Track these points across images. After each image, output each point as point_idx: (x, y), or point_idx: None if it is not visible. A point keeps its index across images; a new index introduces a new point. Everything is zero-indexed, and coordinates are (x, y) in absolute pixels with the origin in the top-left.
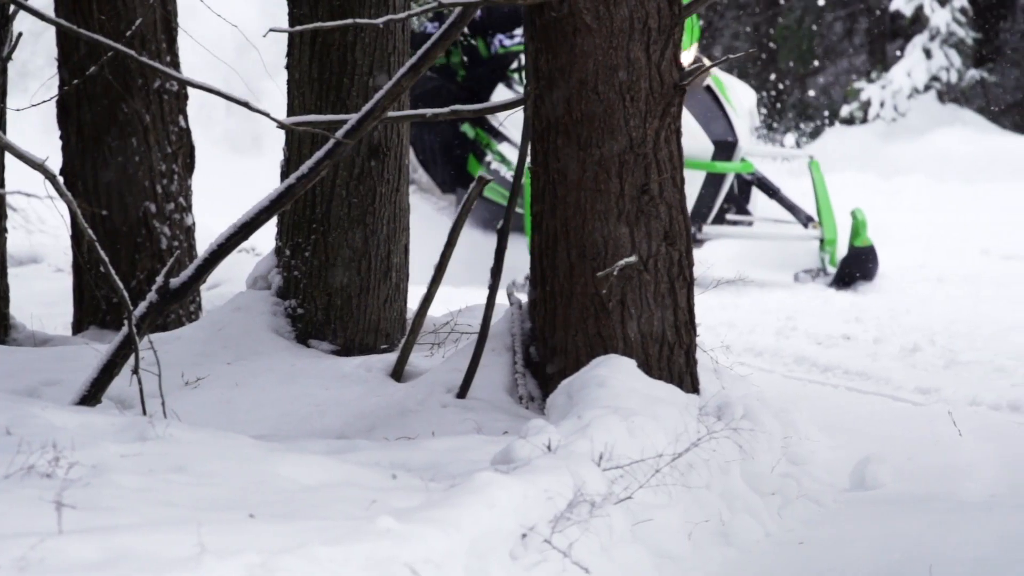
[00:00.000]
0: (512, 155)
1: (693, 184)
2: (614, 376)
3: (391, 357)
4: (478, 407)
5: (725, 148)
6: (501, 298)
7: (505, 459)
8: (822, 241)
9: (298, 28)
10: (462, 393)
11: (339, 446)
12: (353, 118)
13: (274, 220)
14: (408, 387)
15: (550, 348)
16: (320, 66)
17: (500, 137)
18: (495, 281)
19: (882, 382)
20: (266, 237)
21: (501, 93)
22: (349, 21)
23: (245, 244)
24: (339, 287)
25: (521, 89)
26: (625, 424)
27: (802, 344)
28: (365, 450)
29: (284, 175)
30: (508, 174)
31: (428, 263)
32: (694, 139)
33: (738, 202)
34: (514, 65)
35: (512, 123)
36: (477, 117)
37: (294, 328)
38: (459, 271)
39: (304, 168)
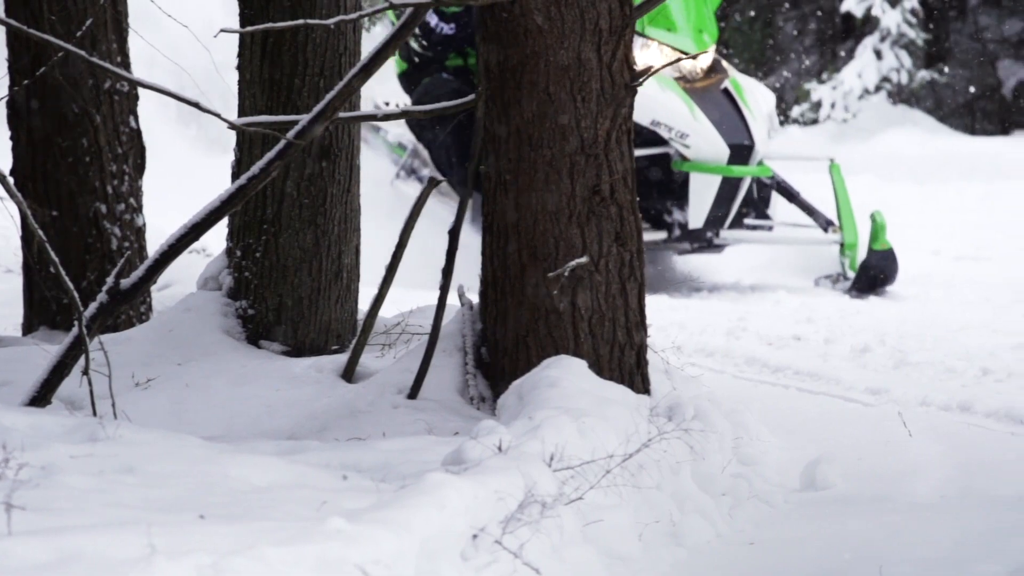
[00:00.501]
0: None
1: (709, 189)
2: (565, 377)
3: (342, 358)
4: (429, 408)
5: (741, 152)
6: (452, 299)
7: (456, 460)
8: (842, 245)
9: (249, 29)
10: (413, 394)
11: (289, 447)
12: (304, 119)
13: (225, 221)
14: (359, 388)
15: (501, 349)
16: (271, 66)
17: None
18: (446, 282)
19: (832, 382)
20: (217, 238)
21: None
22: (300, 22)
23: (196, 245)
24: (290, 288)
25: None
26: (576, 425)
27: (753, 345)
28: (316, 451)
29: (235, 176)
30: None
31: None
32: (709, 143)
33: (758, 207)
34: None
35: None
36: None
37: (245, 329)
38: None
39: (255, 169)
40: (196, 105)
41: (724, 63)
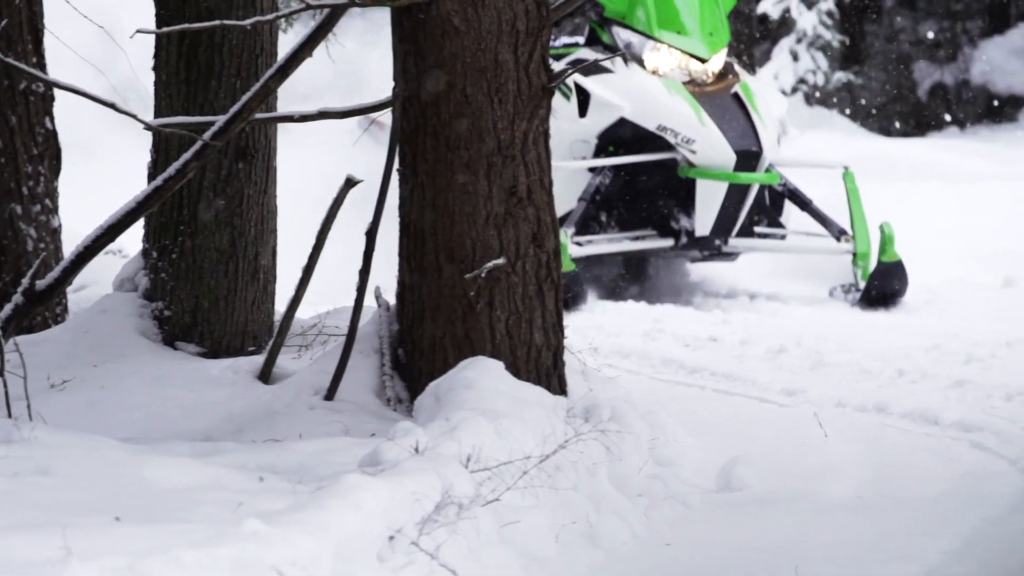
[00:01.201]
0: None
1: (715, 196)
2: (482, 378)
3: (258, 359)
4: (346, 409)
5: (749, 158)
6: (370, 300)
7: (373, 461)
8: (855, 255)
9: (165, 30)
10: (330, 395)
11: (206, 448)
12: (221, 120)
13: (141, 222)
14: (275, 389)
15: (418, 350)
16: (187, 67)
17: None
18: (363, 283)
19: (748, 383)
20: (133, 239)
21: None
22: (216, 23)
23: (112, 246)
24: (206, 289)
25: None
26: (493, 426)
27: (669, 346)
28: (232, 452)
29: (151, 177)
30: None
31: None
32: (715, 148)
33: (770, 214)
34: None
35: None
36: None
37: (161, 330)
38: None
39: (171, 170)
40: (112, 106)
41: (736, 67)
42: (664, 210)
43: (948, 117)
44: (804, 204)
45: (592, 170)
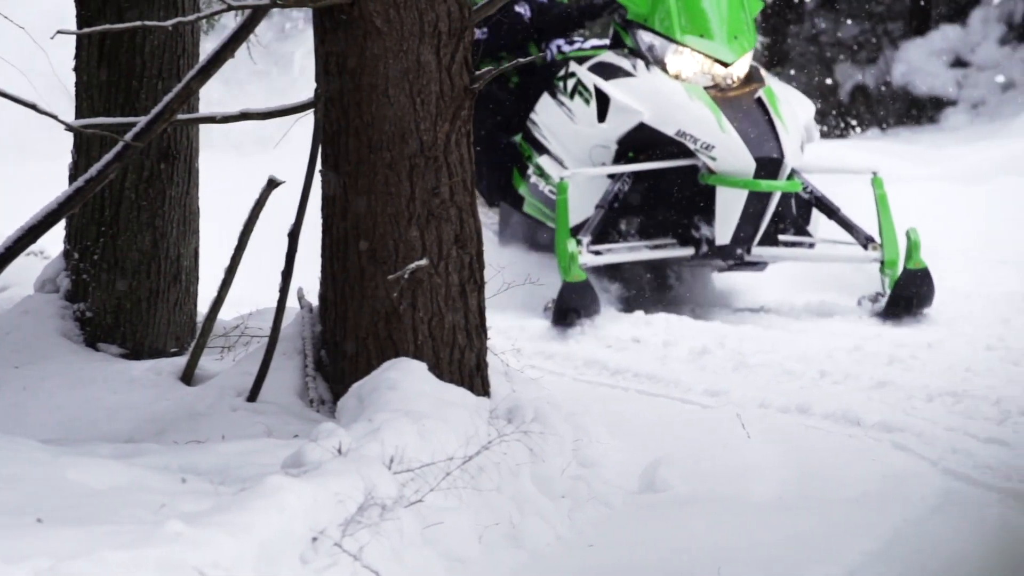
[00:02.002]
0: (551, 168)
1: (735, 204)
2: (405, 379)
3: (181, 361)
4: (269, 410)
5: (769, 165)
6: (292, 301)
7: (295, 463)
8: (882, 263)
9: (86, 30)
10: (252, 396)
11: (128, 450)
12: (142, 121)
13: (63, 223)
14: (198, 391)
15: (341, 351)
16: (109, 68)
17: (541, 149)
18: (285, 284)
19: (671, 384)
20: (55, 240)
21: (545, 103)
22: (138, 24)
23: (33, 247)
24: (128, 290)
25: (565, 99)
26: (416, 427)
27: (592, 347)
28: (154, 454)
29: (72, 178)
30: (547, 188)
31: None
32: (735, 155)
33: (797, 223)
34: (560, 72)
35: (553, 134)
36: (523, 127)
37: (83, 332)
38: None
39: (93, 171)
40: (33, 107)
41: (762, 71)
42: (684, 218)
43: (870, 118)
44: (831, 212)
45: (611, 176)
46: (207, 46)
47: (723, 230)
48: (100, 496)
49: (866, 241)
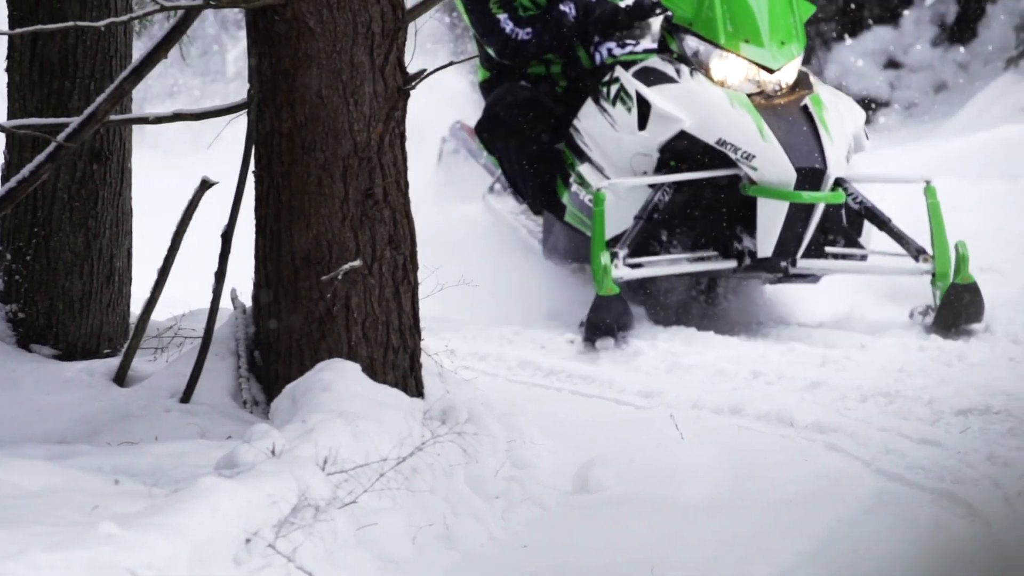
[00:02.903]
0: (592, 177)
1: (776, 215)
2: (338, 380)
3: (114, 362)
4: (202, 412)
5: (812, 176)
6: (226, 302)
7: (229, 464)
8: (934, 276)
9: (17, 31)
10: (186, 398)
11: (61, 451)
12: (75, 121)
13: None
14: (131, 392)
15: (275, 352)
16: (41, 69)
17: (583, 157)
18: (219, 285)
19: (605, 385)
20: None
21: (588, 110)
22: (70, 24)
23: None
24: (61, 291)
25: (607, 105)
26: (350, 428)
27: (526, 348)
28: (87, 455)
29: (4, 179)
30: (586, 198)
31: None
32: (775, 165)
33: (848, 234)
34: (606, 78)
35: (594, 142)
36: (567, 135)
37: (15, 333)
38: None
39: (25, 172)
40: None
41: (812, 77)
42: (726, 230)
43: None
44: (882, 223)
45: (653, 186)
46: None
47: (765, 242)
48: (32, 497)
49: (917, 253)
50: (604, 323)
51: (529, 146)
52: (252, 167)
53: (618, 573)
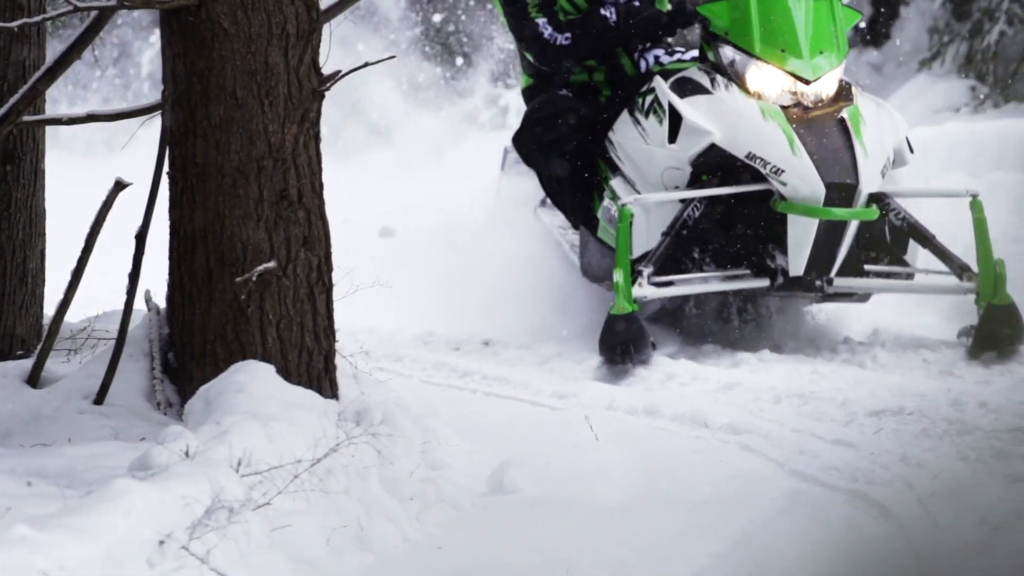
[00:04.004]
0: (623, 192)
1: (807, 232)
2: (253, 382)
3: (27, 363)
4: (115, 413)
5: (842, 191)
6: (140, 304)
7: (143, 466)
8: (978, 295)
9: None
10: (99, 399)
11: None
12: None
13: None
14: (44, 393)
15: (189, 354)
16: None
17: (615, 170)
18: (132, 286)
19: (521, 387)
20: None
21: (623, 121)
22: None
23: None
24: None
25: (640, 117)
26: (264, 430)
27: (442, 350)
28: (0, 457)
29: None
30: (616, 212)
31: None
32: (804, 180)
33: (892, 252)
34: (644, 88)
35: (626, 155)
36: (603, 149)
37: None
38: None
39: None
40: None
41: (855, 88)
42: (759, 247)
43: None
44: (925, 239)
45: (683, 201)
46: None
47: (796, 260)
48: None
49: (961, 271)
50: (617, 344)
51: (567, 159)
52: (166, 168)
53: (533, 575)
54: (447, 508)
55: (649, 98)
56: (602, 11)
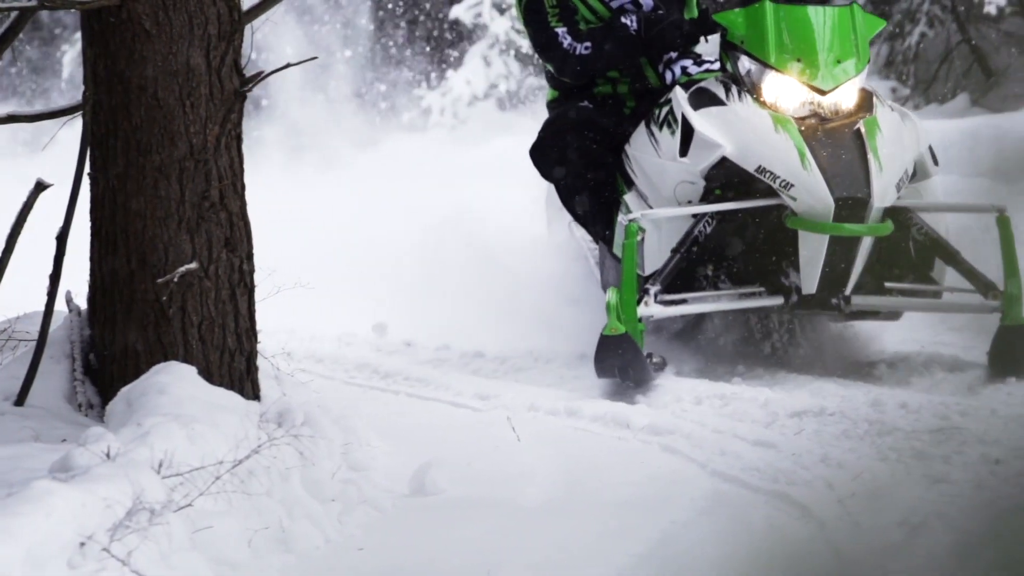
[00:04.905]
0: (635, 206)
1: (818, 249)
2: (174, 383)
3: None
4: (36, 415)
5: (852, 206)
6: (61, 305)
7: (63, 467)
8: (1003, 314)
9: None
10: (20, 401)
11: None
12: None
13: None
14: None
15: (110, 355)
16: None
17: (630, 184)
18: (53, 288)
19: (442, 388)
20: None
21: (639, 133)
22: None
23: None
24: None
25: (655, 129)
26: (185, 431)
27: (363, 351)
28: None
29: None
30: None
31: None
32: (813, 195)
33: (917, 268)
34: (663, 99)
35: (640, 168)
36: (618, 164)
37: None
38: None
39: None
40: None
41: (877, 97)
42: (771, 264)
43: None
44: (949, 256)
45: (695, 216)
46: None
47: (808, 278)
48: None
49: (986, 289)
50: (610, 366)
51: (583, 172)
52: (88, 169)
53: (454, 575)
54: (369, 509)
55: (665, 109)
56: (623, 19)
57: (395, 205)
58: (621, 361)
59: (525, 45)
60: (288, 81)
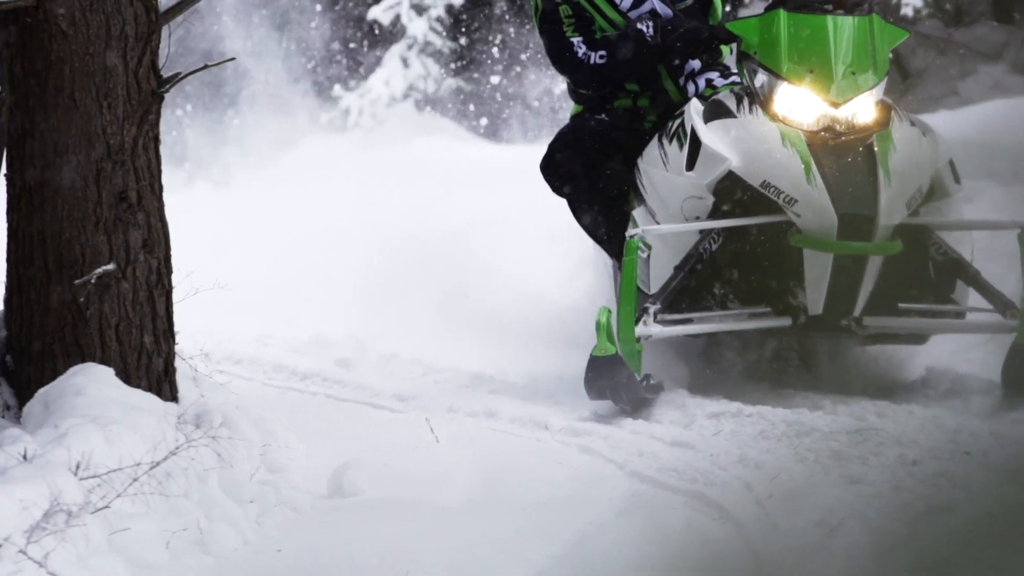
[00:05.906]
0: (643, 221)
1: (823, 268)
2: (92, 385)
3: None
4: None
5: (857, 223)
6: None
7: None
8: (1020, 331)
9: None
10: None
11: None
12: None
13: None
14: None
15: (27, 357)
16: None
17: (641, 198)
18: None
19: (360, 389)
20: None
21: (651, 146)
22: None
23: None
24: None
25: (665, 142)
26: (103, 433)
27: (281, 352)
28: None
29: None
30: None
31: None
32: (815, 211)
33: (937, 289)
34: (678, 111)
35: (650, 182)
36: (631, 174)
37: None
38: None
39: None
40: None
41: (896, 111)
42: (779, 283)
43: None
44: (967, 275)
45: (701, 233)
46: None
47: (814, 298)
48: None
49: (1005, 308)
50: (599, 388)
51: (594, 187)
52: (4, 170)
53: None
54: (287, 511)
55: (677, 122)
56: (638, 26)
57: (313, 205)
58: (613, 383)
59: (441, 45)
60: (206, 82)
